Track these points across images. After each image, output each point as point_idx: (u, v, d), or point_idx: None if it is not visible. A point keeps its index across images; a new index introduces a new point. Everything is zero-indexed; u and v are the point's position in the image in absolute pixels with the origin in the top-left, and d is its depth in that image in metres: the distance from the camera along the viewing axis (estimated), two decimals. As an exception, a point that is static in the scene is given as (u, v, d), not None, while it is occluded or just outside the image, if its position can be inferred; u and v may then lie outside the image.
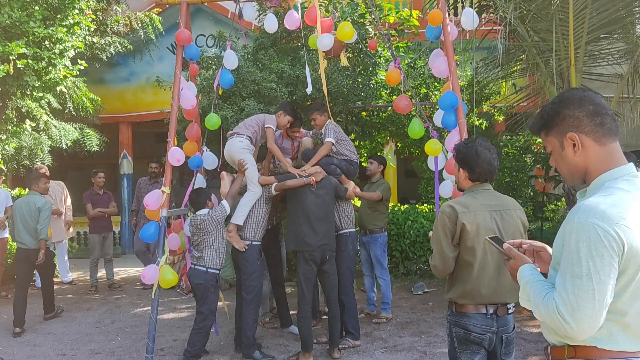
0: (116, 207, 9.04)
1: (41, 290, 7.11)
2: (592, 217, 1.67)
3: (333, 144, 5.57)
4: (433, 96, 8.23)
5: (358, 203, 7.04)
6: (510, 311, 3.03)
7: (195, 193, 5.38)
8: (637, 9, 7.09)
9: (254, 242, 5.37)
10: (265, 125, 5.50)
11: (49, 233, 6.79)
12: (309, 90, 5.81)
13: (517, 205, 3.23)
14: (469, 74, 8.85)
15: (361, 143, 9.07)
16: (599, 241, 1.63)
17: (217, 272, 5.23)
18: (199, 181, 5.89)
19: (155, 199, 5.37)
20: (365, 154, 9.31)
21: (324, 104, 5.78)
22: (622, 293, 1.69)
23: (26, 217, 6.58)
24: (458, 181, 3.30)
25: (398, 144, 9.80)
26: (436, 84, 8.38)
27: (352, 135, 8.47)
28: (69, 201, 8.97)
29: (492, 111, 9.55)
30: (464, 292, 2.97)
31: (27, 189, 8.65)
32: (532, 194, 9.10)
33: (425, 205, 9.49)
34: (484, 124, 8.95)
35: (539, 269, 1.99)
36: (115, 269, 9.30)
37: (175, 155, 5.48)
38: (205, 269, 5.15)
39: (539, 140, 9.19)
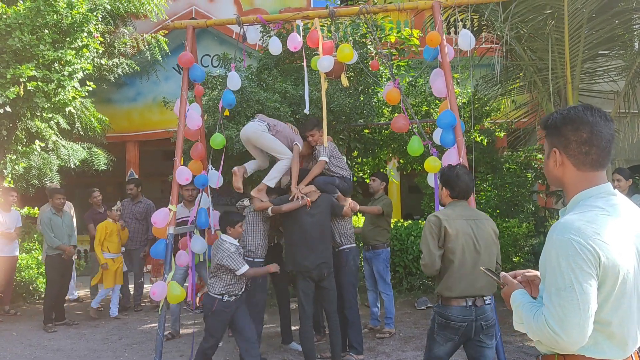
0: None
1: None
2: (569, 232, 1.79)
3: (326, 162, 5.72)
4: (434, 113, 8.36)
5: (361, 220, 7.13)
6: (487, 302, 3.65)
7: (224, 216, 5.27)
8: (635, 25, 7.23)
9: (256, 260, 5.49)
10: (294, 143, 5.70)
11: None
12: (306, 110, 5.97)
13: (488, 217, 3.92)
14: (469, 91, 8.99)
15: (364, 160, 9.20)
16: (576, 254, 1.75)
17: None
18: (204, 200, 6.02)
19: (163, 217, 5.50)
20: (368, 171, 9.43)
21: (319, 120, 5.92)
22: (604, 304, 1.80)
23: None
24: (441, 197, 3.95)
25: (400, 160, 9.92)
26: (437, 101, 8.52)
27: (355, 153, 8.60)
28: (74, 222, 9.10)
29: (493, 128, 9.67)
30: (447, 285, 3.60)
31: (36, 208, 8.89)
32: (533, 209, 9.18)
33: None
34: (485, 141, 9.07)
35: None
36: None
37: (183, 175, 5.63)
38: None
39: (540, 156, 9.32)
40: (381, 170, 9.10)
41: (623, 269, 1.78)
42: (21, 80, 7.57)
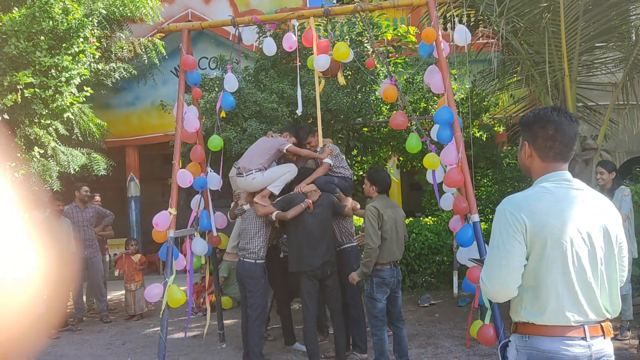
0: (111, 230, 9.10)
1: None
2: (506, 204, 2.19)
3: (331, 165, 5.70)
4: (432, 110, 8.35)
5: (361, 221, 7.11)
6: (398, 265, 5.14)
7: None
8: (631, 17, 7.19)
9: (257, 261, 5.47)
10: (285, 148, 5.64)
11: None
12: (299, 111, 5.95)
13: (399, 205, 5.36)
14: (467, 86, 8.97)
15: (363, 158, 9.18)
16: (505, 221, 2.14)
17: None
18: (202, 202, 6.01)
19: (163, 220, 5.49)
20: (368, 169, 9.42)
21: (311, 125, 5.91)
22: (537, 270, 2.10)
23: None
24: (369, 192, 5.18)
25: (400, 158, 9.90)
26: (435, 98, 8.51)
27: (354, 151, 8.59)
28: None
29: (492, 123, 9.65)
30: (382, 255, 4.95)
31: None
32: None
33: (430, 217, 9.57)
34: (484, 136, 9.05)
35: None
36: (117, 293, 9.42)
37: (185, 178, 5.62)
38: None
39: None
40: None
41: (553, 237, 2.06)
42: (18, 87, 7.57)
